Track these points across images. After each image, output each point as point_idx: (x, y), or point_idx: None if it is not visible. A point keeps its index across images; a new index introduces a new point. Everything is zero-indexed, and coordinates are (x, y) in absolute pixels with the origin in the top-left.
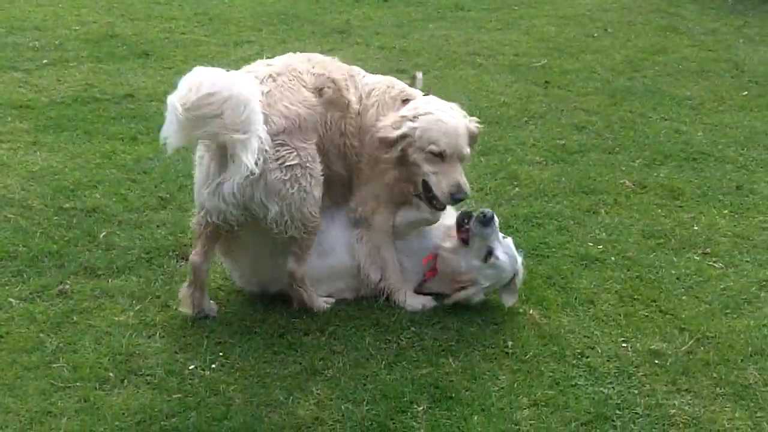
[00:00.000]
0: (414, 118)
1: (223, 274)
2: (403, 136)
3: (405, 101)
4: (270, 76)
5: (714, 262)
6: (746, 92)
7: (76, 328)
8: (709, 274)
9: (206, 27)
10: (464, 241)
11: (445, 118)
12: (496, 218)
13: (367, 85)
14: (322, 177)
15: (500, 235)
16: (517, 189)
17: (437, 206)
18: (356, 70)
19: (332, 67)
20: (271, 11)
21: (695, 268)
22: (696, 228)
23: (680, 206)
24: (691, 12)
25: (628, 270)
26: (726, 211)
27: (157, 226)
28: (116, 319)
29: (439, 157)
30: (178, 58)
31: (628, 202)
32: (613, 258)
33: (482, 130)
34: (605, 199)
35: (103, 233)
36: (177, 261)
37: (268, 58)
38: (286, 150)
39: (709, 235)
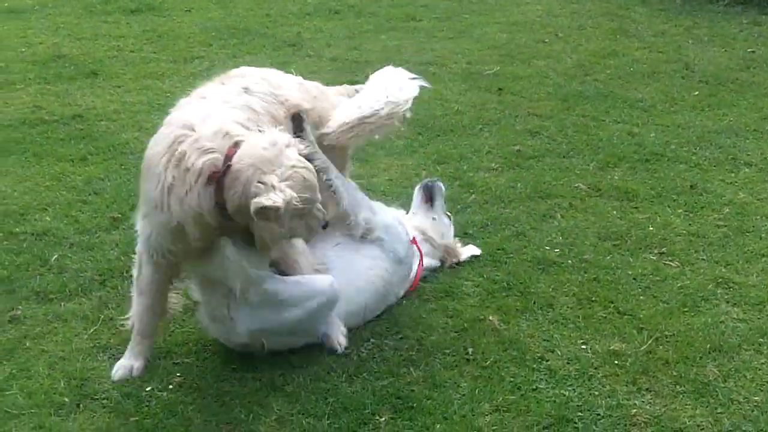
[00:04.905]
0: None
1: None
2: None
3: None
4: None
5: (670, 261)
6: (697, 92)
7: (29, 354)
8: (665, 273)
9: (155, 44)
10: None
11: None
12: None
13: None
14: None
15: None
16: (473, 196)
17: None
18: None
19: None
20: (220, 26)
21: (652, 268)
22: (651, 228)
23: (635, 207)
24: (640, 14)
25: (585, 272)
26: (680, 211)
27: (110, 247)
28: (70, 343)
29: None
30: (128, 76)
31: (584, 205)
32: (570, 261)
33: None
34: (561, 203)
35: (55, 256)
36: (130, 282)
37: (220, 73)
38: None
39: (664, 234)
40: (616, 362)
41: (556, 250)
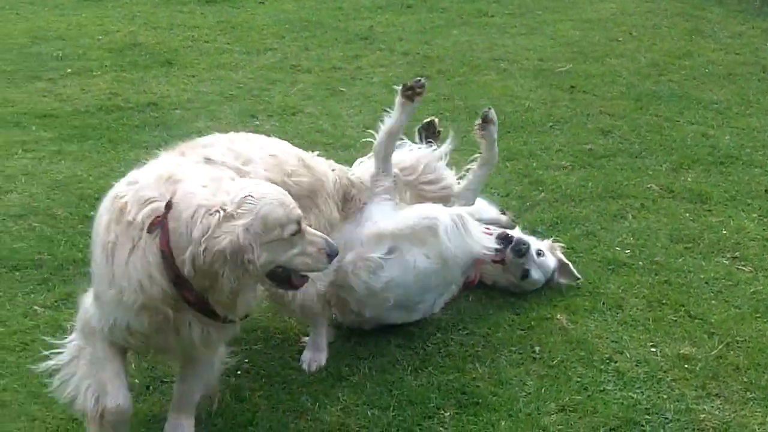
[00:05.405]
0: None
1: None
2: None
3: None
4: None
5: (743, 266)
6: None
7: None
8: (738, 278)
9: (229, 35)
10: (500, 262)
11: None
12: (531, 247)
13: None
14: None
15: (536, 249)
16: (543, 194)
17: None
18: None
19: None
20: (293, 18)
21: (724, 272)
22: (724, 232)
23: (708, 210)
24: (716, 15)
25: (656, 274)
26: (755, 215)
27: None
28: None
29: None
30: (201, 66)
31: (656, 206)
32: (640, 263)
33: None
34: (632, 203)
35: None
36: None
37: (292, 65)
38: None
39: (737, 239)
40: (685, 366)
41: (627, 251)
